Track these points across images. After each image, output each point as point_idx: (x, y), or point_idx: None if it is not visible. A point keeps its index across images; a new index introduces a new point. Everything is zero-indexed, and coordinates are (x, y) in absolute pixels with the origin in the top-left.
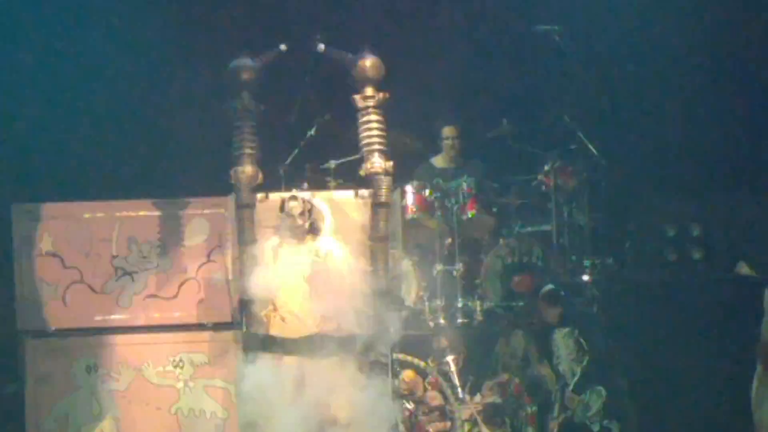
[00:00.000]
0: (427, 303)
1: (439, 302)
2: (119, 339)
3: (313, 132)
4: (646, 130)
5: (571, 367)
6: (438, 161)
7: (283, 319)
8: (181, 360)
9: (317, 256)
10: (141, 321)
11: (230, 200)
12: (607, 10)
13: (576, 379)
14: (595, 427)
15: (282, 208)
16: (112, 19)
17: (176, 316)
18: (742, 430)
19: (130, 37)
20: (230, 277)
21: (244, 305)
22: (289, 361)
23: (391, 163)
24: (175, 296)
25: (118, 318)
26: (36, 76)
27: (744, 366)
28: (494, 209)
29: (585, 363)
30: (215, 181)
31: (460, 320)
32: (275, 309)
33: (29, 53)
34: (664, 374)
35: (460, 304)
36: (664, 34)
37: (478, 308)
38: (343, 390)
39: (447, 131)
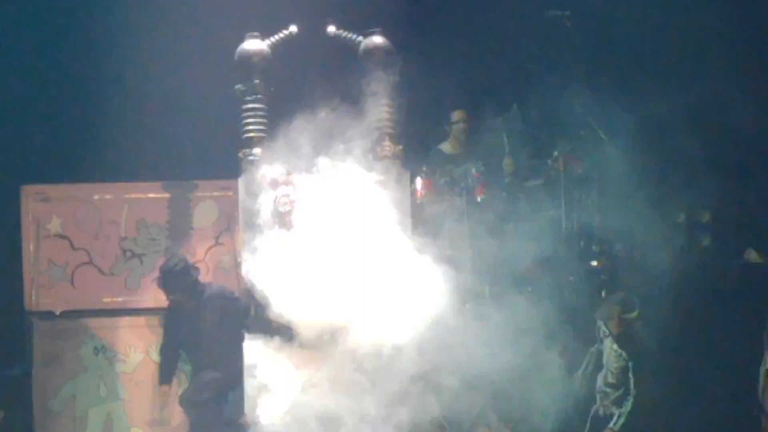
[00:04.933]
0: None
1: None
2: (127, 321)
3: (322, 115)
4: (656, 116)
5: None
6: (446, 147)
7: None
8: None
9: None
10: (149, 303)
11: (239, 183)
12: None
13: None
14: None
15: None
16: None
17: None
18: (749, 417)
19: (138, 18)
20: (239, 260)
21: (252, 289)
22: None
23: (400, 147)
24: None
25: (126, 300)
26: (44, 58)
27: (752, 353)
28: (503, 194)
29: (629, 404)
30: (224, 164)
31: (467, 305)
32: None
33: (37, 35)
34: (671, 361)
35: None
36: (672, 19)
37: (487, 293)
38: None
39: (456, 115)
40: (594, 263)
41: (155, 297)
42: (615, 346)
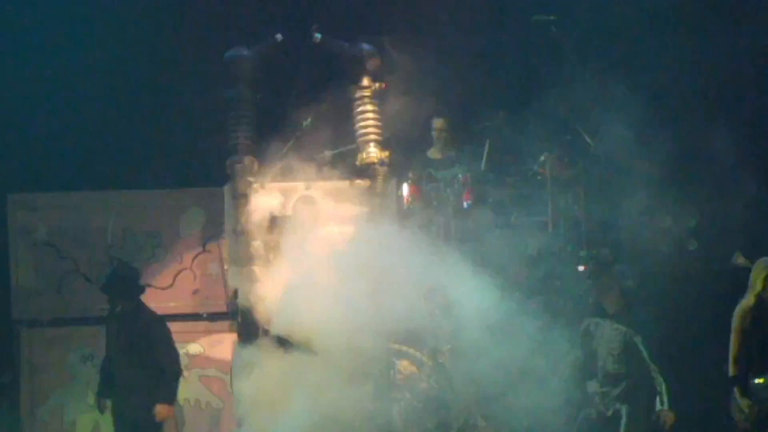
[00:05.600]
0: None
1: None
2: None
3: (309, 122)
4: (642, 120)
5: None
6: (433, 153)
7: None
8: None
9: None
10: None
11: (226, 190)
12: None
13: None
14: (608, 412)
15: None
16: (108, 8)
17: (171, 306)
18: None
19: (126, 26)
20: (226, 267)
21: (239, 295)
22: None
23: (386, 153)
24: (171, 286)
25: None
26: (32, 67)
27: None
28: (490, 200)
29: (660, 379)
30: (211, 172)
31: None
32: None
33: (25, 44)
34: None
35: None
36: (659, 26)
37: (474, 299)
38: (338, 382)
39: (437, 124)
40: (581, 268)
41: None
42: (615, 325)
